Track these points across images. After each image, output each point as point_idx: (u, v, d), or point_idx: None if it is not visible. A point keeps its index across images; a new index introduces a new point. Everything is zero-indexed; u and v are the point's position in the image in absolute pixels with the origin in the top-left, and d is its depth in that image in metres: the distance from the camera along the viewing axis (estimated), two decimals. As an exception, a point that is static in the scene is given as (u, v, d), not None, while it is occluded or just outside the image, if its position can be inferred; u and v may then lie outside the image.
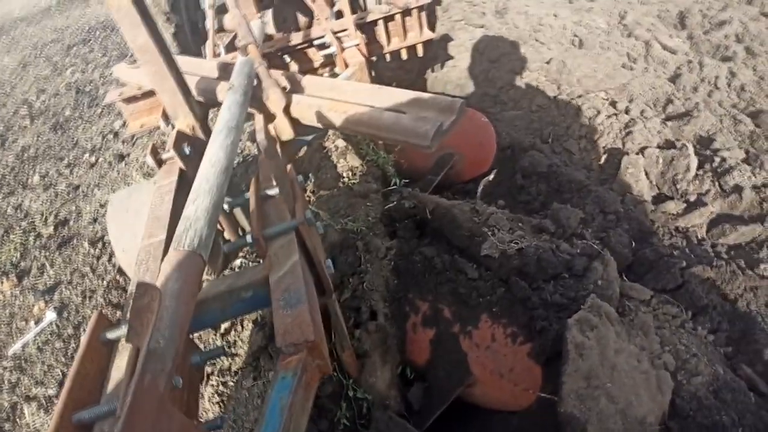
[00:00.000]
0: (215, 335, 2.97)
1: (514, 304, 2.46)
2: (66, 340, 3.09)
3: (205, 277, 3.50)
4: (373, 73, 3.88)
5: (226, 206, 2.24)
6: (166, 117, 3.09)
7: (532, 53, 4.84)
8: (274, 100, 2.69)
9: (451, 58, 5.36)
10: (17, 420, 2.69)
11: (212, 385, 2.63)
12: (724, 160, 3.21)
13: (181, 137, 2.69)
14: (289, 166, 2.24)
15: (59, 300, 3.41)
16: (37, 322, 3.25)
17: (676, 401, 2.08)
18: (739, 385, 2.10)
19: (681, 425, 2.03)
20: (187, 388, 1.75)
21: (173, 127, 2.83)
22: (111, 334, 1.70)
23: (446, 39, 5.52)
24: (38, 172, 5.28)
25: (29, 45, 9.39)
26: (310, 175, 4.23)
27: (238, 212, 2.71)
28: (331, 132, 4.55)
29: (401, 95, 2.58)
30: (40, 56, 8.69)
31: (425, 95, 2.52)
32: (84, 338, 1.58)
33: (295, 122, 2.72)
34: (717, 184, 3.13)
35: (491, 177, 3.59)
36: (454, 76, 5.23)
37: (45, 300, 3.42)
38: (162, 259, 2.02)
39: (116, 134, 5.68)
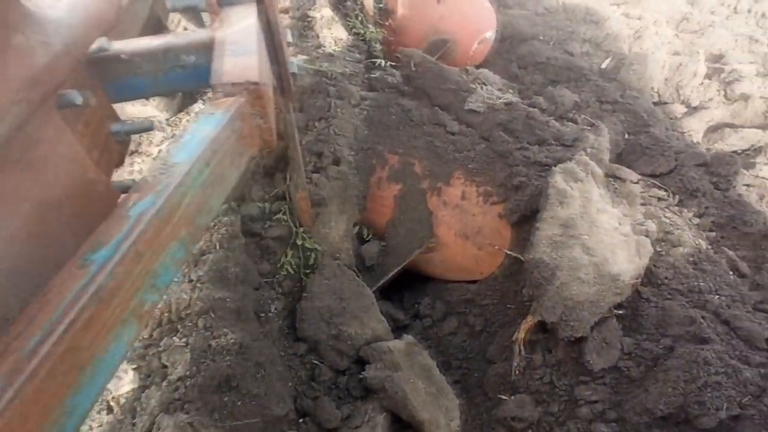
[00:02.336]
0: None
1: (493, 161, 2.21)
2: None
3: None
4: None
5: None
6: None
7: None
8: None
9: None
10: None
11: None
12: (734, 70, 2.99)
13: None
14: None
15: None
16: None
17: (652, 269, 1.91)
18: (720, 260, 1.93)
19: (654, 292, 1.85)
20: (100, 151, 1.42)
21: None
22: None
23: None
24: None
25: None
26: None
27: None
28: (319, 2, 4.11)
29: None
30: None
31: None
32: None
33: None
34: (723, 93, 2.93)
35: (490, 35, 3.27)
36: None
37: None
38: None
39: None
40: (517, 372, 1.90)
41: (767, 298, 1.87)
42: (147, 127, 1.55)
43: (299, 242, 2.32)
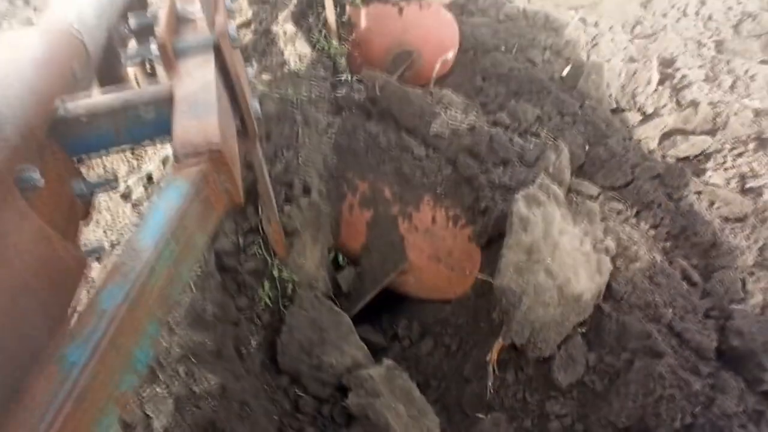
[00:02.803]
0: (131, 212, 2.61)
1: (459, 185, 2.28)
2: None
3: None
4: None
5: (132, 21, 1.83)
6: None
7: (506, -37, 4.50)
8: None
9: (420, -38, 4.91)
10: None
11: (118, 255, 2.31)
12: (684, 77, 3.14)
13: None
14: (213, -16, 1.86)
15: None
16: None
17: (612, 285, 2.02)
18: (673, 273, 2.06)
19: (614, 306, 1.97)
20: (64, 216, 1.43)
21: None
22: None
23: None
24: (-77, 31, 4.42)
25: None
26: (253, 61, 3.79)
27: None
28: (280, 17, 4.08)
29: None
30: None
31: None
32: None
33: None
34: (675, 99, 3.06)
35: (450, 56, 3.33)
36: (421, -19, 4.81)
37: None
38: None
39: (27, 1, 4.87)
40: (491, 391, 2.00)
41: (716, 304, 2.01)
42: (111, 183, 1.56)
43: (275, 273, 2.36)
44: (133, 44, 2.13)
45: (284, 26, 3.84)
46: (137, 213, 2.47)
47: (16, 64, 1.12)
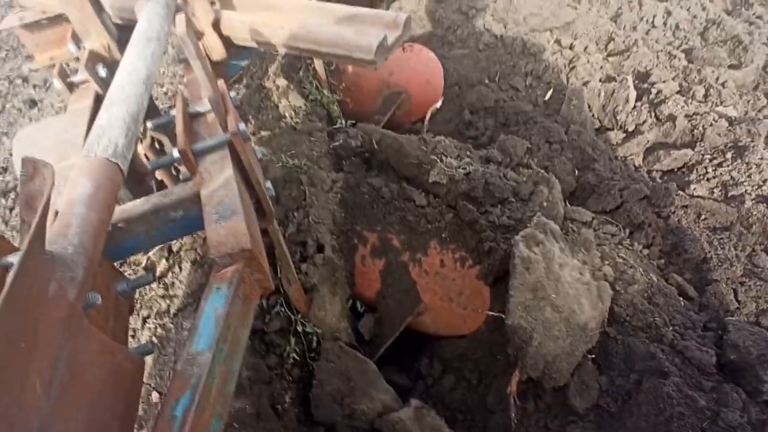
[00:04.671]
0: (157, 285, 2.75)
1: (462, 229, 2.44)
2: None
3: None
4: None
5: (149, 125, 2.01)
6: (76, 38, 2.72)
7: (478, -8, 4.71)
8: (201, 15, 2.42)
9: (397, -2, 5.13)
10: None
11: (149, 329, 2.46)
12: (659, 92, 3.31)
13: (94, 57, 2.39)
14: (220, 81, 2.04)
15: (-34, 253, 3.03)
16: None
17: (614, 309, 2.17)
18: (670, 291, 2.22)
19: (618, 330, 2.12)
20: (113, 316, 1.59)
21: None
22: (11, 258, 1.49)
23: (391, -22, 5.25)
24: (-67, 121, 4.62)
25: None
26: (250, 117, 3.98)
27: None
28: (271, 71, 4.27)
29: (342, 11, 2.39)
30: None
31: (367, 11, 2.35)
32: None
33: (227, 41, 2.47)
34: (653, 114, 3.24)
35: (439, 104, 3.51)
36: (400, 16, 5.02)
37: (-52, 254, 3.03)
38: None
39: (26, 79, 5.07)
40: (515, 421, 2.14)
41: (713, 317, 2.17)
42: (150, 281, 1.72)
43: (300, 329, 2.51)
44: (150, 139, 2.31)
45: (276, 80, 4.04)
46: (163, 285, 2.63)
47: (75, 209, 1.29)
